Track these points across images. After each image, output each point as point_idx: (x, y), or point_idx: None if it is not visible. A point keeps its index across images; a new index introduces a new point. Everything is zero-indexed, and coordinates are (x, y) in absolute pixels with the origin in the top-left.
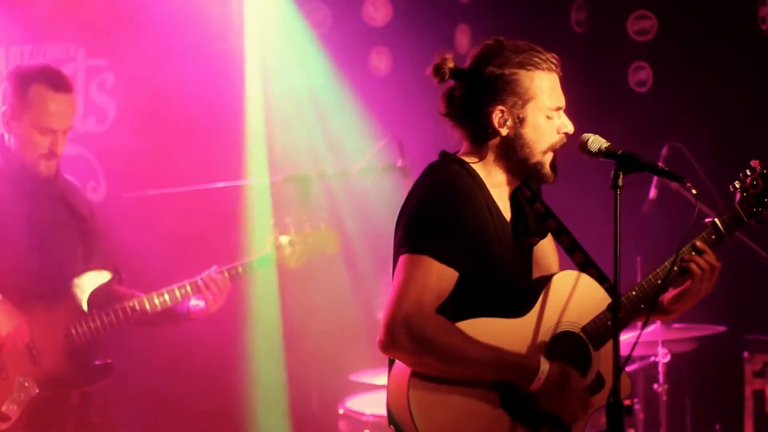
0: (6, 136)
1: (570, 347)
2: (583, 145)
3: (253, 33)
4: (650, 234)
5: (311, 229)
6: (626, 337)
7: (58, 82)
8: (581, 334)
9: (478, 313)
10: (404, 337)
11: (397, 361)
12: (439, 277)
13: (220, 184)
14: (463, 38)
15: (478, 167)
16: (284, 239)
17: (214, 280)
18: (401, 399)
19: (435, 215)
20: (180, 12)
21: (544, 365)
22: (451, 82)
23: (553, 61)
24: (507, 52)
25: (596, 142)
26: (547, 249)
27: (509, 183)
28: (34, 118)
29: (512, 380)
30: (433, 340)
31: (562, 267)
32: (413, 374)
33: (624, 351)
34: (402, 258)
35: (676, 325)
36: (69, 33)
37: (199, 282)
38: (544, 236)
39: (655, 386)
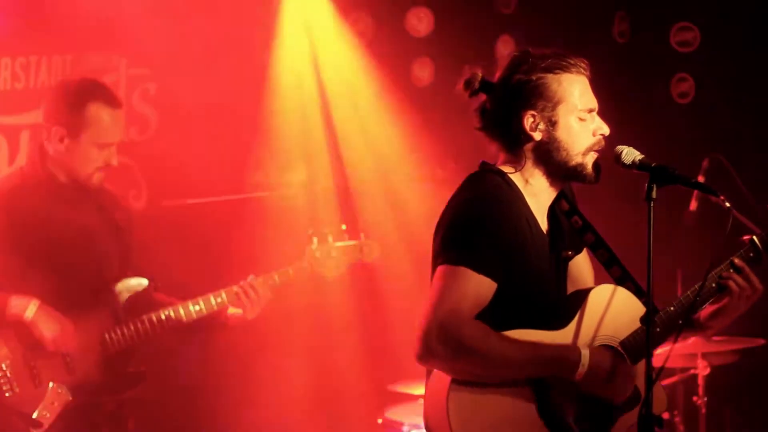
0: (50, 148)
1: None
2: (617, 157)
3: (294, 43)
4: (691, 247)
5: (350, 238)
6: (663, 351)
7: (111, 97)
8: (619, 348)
9: (516, 326)
10: (439, 345)
11: (435, 370)
12: (477, 287)
13: (259, 194)
14: (505, 49)
15: (515, 177)
16: (323, 249)
17: (252, 288)
18: (440, 408)
19: (473, 226)
20: (222, 21)
21: (585, 351)
22: (483, 97)
23: (582, 64)
24: (533, 59)
25: (630, 154)
26: (582, 264)
27: (548, 191)
28: (93, 136)
29: (554, 373)
30: (469, 344)
31: (599, 281)
32: (453, 381)
33: (660, 365)
34: (439, 269)
35: (715, 338)
36: (111, 42)
37: (236, 290)
38: (579, 251)
39: (695, 399)
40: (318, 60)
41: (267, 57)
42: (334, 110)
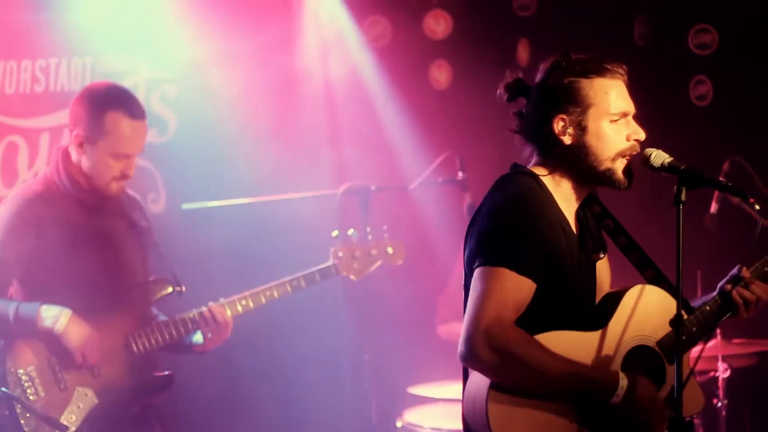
0: (73, 154)
1: (645, 361)
2: (646, 160)
3: (313, 45)
4: (711, 248)
5: (375, 241)
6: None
7: (133, 108)
8: (656, 348)
9: (553, 326)
10: (485, 350)
11: (474, 372)
12: (518, 288)
13: (281, 196)
14: (523, 52)
15: (547, 180)
16: (347, 251)
17: (214, 315)
18: (479, 411)
19: (511, 227)
20: (241, 26)
21: (623, 380)
22: (524, 101)
23: (619, 69)
24: (569, 63)
25: (659, 156)
26: (603, 268)
27: (577, 195)
28: (110, 145)
29: (591, 394)
30: (513, 352)
31: (632, 283)
32: (492, 386)
33: (690, 366)
34: (479, 271)
35: (735, 340)
36: (131, 45)
37: (192, 316)
38: (605, 253)
39: (715, 401)
40: (335, 62)
41: (286, 59)
42: (353, 112)
